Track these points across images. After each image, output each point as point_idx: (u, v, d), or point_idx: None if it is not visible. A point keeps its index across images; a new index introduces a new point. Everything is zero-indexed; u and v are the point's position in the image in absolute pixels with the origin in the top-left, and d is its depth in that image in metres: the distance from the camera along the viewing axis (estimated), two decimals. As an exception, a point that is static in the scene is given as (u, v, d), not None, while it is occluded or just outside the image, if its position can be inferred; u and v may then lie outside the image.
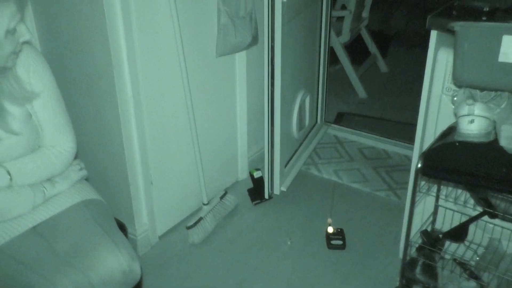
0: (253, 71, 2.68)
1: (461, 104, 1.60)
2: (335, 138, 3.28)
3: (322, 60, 3.13)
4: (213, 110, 2.52)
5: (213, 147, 2.59)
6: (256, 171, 2.69)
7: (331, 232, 2.39)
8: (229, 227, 2.49)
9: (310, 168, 2.94)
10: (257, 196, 2.66)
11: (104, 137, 2.13)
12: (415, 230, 1.98)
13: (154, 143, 2.22)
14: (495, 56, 1.47)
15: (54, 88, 1.54)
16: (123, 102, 2.01)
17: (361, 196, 2.72)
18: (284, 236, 2.42)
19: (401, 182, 2.81)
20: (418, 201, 2.08)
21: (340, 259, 2.28)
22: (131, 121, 2.07)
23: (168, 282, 2.15)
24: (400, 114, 3.67)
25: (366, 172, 2.91)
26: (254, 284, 2.15)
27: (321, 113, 3.30)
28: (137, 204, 2.24)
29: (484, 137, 1.58)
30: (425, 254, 1.91)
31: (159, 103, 2.19)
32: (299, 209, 2.62)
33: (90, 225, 1.50)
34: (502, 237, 1.92)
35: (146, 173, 2.22)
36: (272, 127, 2.49)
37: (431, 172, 1.63)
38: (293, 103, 2.73)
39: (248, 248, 2.35)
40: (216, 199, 2.52)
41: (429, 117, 1.97)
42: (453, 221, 1.98)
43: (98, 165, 2.21)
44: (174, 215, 2.48)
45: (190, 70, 2.24)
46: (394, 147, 3.14)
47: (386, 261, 2.26)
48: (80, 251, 1.44)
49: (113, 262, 1.43)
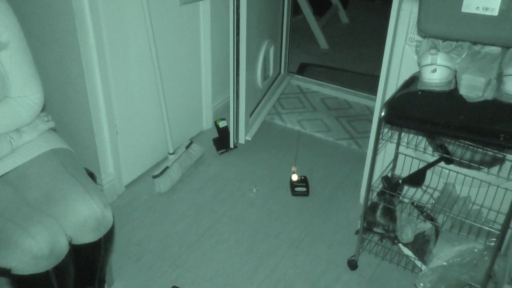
0: (217, 21, 2.65)
1: (425, 54, 1.65)
2: (298, 88, 3.32)
3: (285, 10, 3.11)
4: (177, 59, 2.49)
5: (178, 97, 2.58)
6: (221, 121, 2.70)
7: (295, 180, 2.46)
8: (195, 176, 2.53)
9: (274, 118, 2.98)
10: (223, 145, 2.69)
11: (68, 87, 2.09)
12: (376, 176, 2.07)
13: (119, 93, 2.19)
14: (459, 7, 1.52)
15: (21, 38, 1.49)
16: (86, 51, 1.96)
17: (324, 145, 2.80)
18: (250, 184, 2.48)
19: (362, 131, 2.89)
20: (380, 149, 2.16)
21: (304, 205, 2.36)
22: (95, 71, 2.03)
23: (135, 230, 2.18)
24: (361, 65, 3.73)
25: (328, 122, 2.98)
26: (221, 230, 2.21)
27: (285, 64, 3.31)
28: (103, 154, 2.23)
29: (445, 86, 1.64)
30: (385, 199, 2.00)
31: (123, 52, 2.15)
32: (264, 158, 2.67)
33: (61, 173, 1.50)
34: (456, 182, 2.03)
35: (111, 123, 2.20)
36: (237, 77, 2.49)
37: (394, 120, 1.68)
38: (258, 52, 2.73)
39: (215, 196, 2.40)
40: (181, 149, 2.54)
41: (392, 67, 2.02)
42: (412, 167, 2.08)
43: (63, 116, 2.17)
44: (140, 164, 2.48)
45: (154, 18, 2.20)
46: (356, 97, 3.21)
47: (348, 206, 2.36)
48: (52, 199, 1.44)
49: (86, 209, 1.45)
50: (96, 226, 1.48)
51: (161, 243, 2.12)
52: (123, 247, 2.10)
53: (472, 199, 2.02)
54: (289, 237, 2.18)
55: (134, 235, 2.16)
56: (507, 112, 1.55)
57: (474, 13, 1.50)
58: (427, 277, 1.82)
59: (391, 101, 1.69)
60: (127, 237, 2.15)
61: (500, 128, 1.49)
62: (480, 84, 1.56)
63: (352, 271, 2.02)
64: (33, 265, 1.35)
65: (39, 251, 1.34)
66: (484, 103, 1.58)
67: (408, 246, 2.01)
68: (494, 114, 1.56)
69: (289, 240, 2.16)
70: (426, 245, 1.93)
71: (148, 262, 2.04)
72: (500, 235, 1.66)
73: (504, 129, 1.48)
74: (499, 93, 1.58)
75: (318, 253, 2.10)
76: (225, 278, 1.98)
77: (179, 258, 2.06)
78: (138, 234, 2.17)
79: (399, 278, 1.99)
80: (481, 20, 1.51)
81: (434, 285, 1.81)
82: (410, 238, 1.96)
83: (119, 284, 1.93)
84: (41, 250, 1.34)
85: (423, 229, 1.97)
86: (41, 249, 1.34)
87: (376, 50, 2.04)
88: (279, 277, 1.99)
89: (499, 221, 1.96)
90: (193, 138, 2.75)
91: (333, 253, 2.11)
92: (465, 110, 1.58)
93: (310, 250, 2.12)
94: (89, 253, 1.54)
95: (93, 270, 1.62)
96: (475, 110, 1.57)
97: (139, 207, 2.32)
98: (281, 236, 2.18)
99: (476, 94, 1.58)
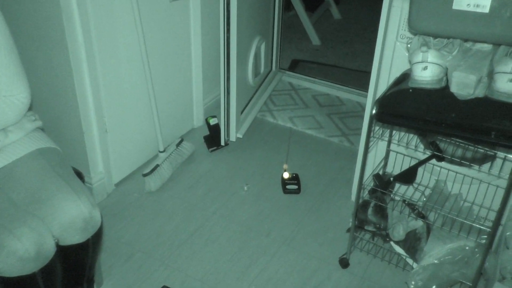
0: (208, 17, 2.63)
1: (416, 51, 1.64)
2: (290, 85, 3.31)
3: (277, 6, 3.09)
4: (168, 56, 2.47)
5: (169, 94, 2.56)
6: (212, 118, 2.68)
7: (286, 178, 2.45)
8: (186, 174, 2.51)
9: (265, 115, 2.97)
10: (213, 143, 2.68)
11: (56, 85, 2.06)
12: (368, 174, 2.06)
13: (108, 91, 2.17)
14: (450, 4, 1.51)
15: (7, 35, 1.46)
16: (74, 48, 1.94)
17: (316, 142, 2.78)
18: (241, 182, 2.46)
19: (354, 128, 2.88)
20: (371, 146, 2.15)
21: (295, 203, 2.35)
22: (83, 68, 2.01)
23: (125, 229, 2.16)
24: (353, 61, 3.72)
25: (320, 118, 2.97)
26: (212, 228, 2.19)
27: (276, 60, 3.29)
28: (92, 152, 2.20)
29: (436, 84, 1.63)
30: (377, 196, 2.00)
31: (112, 49, 2.12)
32: (255, 156, 2.65)
33: (48, 173, 1.48)
34: (447, 179, 2.03)
35: (101, 121, 2.17)
36: (228, 74, 2.47)
37: (385, 118, 1.67)
38: (249, 49, 2.71)
39: (206, 194, 2.38)
40: (172, 147, 2.52)
41: (383, 64, 2.01)
42: (403, 164, 2.07)
43: (51, 114, 2.14)
44: (130, 162, 2.46)
45: (143, 14, 2.17)
46: (348, 94, 3.20)
47: (339, 204, 2.35)
48: (38, 199, 1.42)
49: (74, 209, 1.42)
50: (84, 226, 1.46)
51: (151, 242, 2.11)
52: (113, 247, 2.08)
53: (463, 196, 2.02)
54: (280, 235, 2.17)
55: (123, 234, 2.14)
56: (498, 109, 1.54)
57: (465, 10, 1.50)
58: (419, 275, 1.82)
59: (382, 98, 1.68)
60: (117, 236, 2.13)
61: (491, 125, 1.48)
62: (471, 82, 1.55)
63: (343, 269, 2.02)
64: (19, 267, 1.33)
65: (25, 253, 1.32)
66: (475, 101, 1.57)
67: (399, 244, 2.00)
68: (485, 111, 1.55)
69: (280, 238, 2.15)
70: (417, 243, 1.93)
71: (138, 261, 2.02)
72: (491, 233, 1.66)
73: (495, 126, 1.47)
74: (490, 91, 1.57)
75: (309, 251, 2.10)
76: (216, 276, 1.97)
77: (170, 257, 2.04)
78: (128, 233, 2.15)
79: (391, 276, 1.99)
80: (472, 17, 1.50)
81: (425, 283, 1.81)
82: (401, 236, 1.95)
83: (109, 283, 1.91)
84: (27, 252, 1.32)
85: (414, 227, 1.97)
86: (27, 251, 1.32)
87: (369, 46, 2.03)
88: (270, 275, 1.98)
89: (490, 218, 1.96)
90: (184, 136, 2.73)
91: (324, 251, 2.10)
92: (457, 107, 1.57)
93: (301, 248, 2.11)
94: (77, 254, 1.52)
95: (82, 271, 1.60)
96: (466, 108, 1.57)
97: (129, 205, 2.30)
98: (272, 234, 2.17)
99: (467, 91, 1.57)
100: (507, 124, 1.48)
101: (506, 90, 1.52)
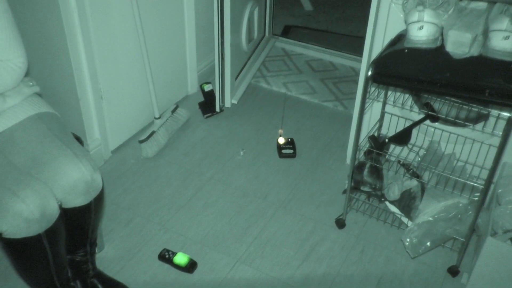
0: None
1: (411, 11, 1.64)
2: (283, 51, 3.30)
3: (269, -30, 3.06)
4: (161, 22, 2.45)
5: (163, 61, 2.54)
6: (206, 85, 2.68)
7: (282, 142, 2.47)
8: (182, 140, 2.52)
9: (259, 81, 2.97)
10: (208, 109, 2.68)
11: (50, 52, 2.04)
12: (363, 136, 2.09)
13: (103, 57, 2.15)
14: (446, -38, 1.51)
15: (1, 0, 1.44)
16: (67, 14, 1.92)
17: (310, 107, 2.80)
18: (237, 147, 2.48)
19: (347, 92, 2.89)
20: (366, 108, 2.17)
21: (291, 167, 2.38)
22: (77, 34, 1.99)
23: (124, 195, 2.19)
24: (346, 26, 3.70)
25: (314, 83, 2.97)
26: (209, 192, 2.22)
27: (269, 26, 3.27)
28: (88, 119, 2.20)
29: (432, 43, 1.64)
30: (372, 158, 2.03)
31: (105, 15, 2.10)
32: (250, 121, 2.67)
33: (48, 137, 1.48)
34: (441, 139, 2.05)
35: (96, 88, 2.17)
36: (222, 39, 2.46)
37: (381, 79, 1.68)
38: (242, 14, 2.69)
39: (202, 160, 2.40)
40: (167, 113, 2.52)
41: (378, 26, 2.01)
42: (398, 126, 2.10)
43: (47, 81, 2.13)
44: (126, 129, 2.46)
45: (136, -22, 2.14)
46: (341, 59, 3.20)
47: (335, 167, 2.38)
48: (40, 163, 1.43)
49: (75, 172, 1.44)
50: (86, 189, 1.48)
51: (150, 207, 2.13)
52: (112, 212, 2.10)
53: (456, 156, 2.05)
54: (277, 198, 2.20)
55: (122, 199, 2.17)
56: (492, 67, 1.56)
57: (461, -32, 1.50)
58: (413, 232, 1.87)
59: (377, 59, 1.69)
60: (116, 201, 2.15)
61: (486, 83, 1.50)
62: (467, 40, 1.56)
63: (340, 229, 2.06)
64: (24, 229, 1.35)
65: (30, 214, 1.33)
66: (470, 59, 1.59)
67: (394, 204, 2.04)
68: (480, 70, 1.57)
69: (277, 201, 2.19)
70: (412, 202, 1.97)
71: (137, 226, 2.05)
72: (483, 190, 1.70)
73: (489, 84, 1.49)
74: (485, 49, 1.58)
75: (306, 213, 2.13)
76: (215, 239, 2.00)
77: (169, 221, 2.07)
78: (127, 199, 2.17)
79: (386, 234, 2.04)
80: (468, -25, 1.50)
81: (420, 239, 1.85)
82: (396, 195, 1.99)
83: (109, 247, 1.94)
84: (32, 214, 1.34)
85: (409, 187, 2.00)
86: (32, 213, 1.34)
87: (361, 11, 2.02)
88: (268, 237, 2.02)
89: (483, 176, 2.00)
90: (179, 102, 2.72)
91: (320, 213, 2.14)
92: (451, 66, 1.59)
93: (298, 211, 2.14)
94: (80, 217, 1.54)
95: (85, 233, 1.62)
96: (461, 67, 1.58)
97: (127, 172, 2.31)
98: (269, 198, 2.20)
99: (462, 50, 1.59)
100: (501, 82, 1.50)
101: (501, 47, 1.54)
